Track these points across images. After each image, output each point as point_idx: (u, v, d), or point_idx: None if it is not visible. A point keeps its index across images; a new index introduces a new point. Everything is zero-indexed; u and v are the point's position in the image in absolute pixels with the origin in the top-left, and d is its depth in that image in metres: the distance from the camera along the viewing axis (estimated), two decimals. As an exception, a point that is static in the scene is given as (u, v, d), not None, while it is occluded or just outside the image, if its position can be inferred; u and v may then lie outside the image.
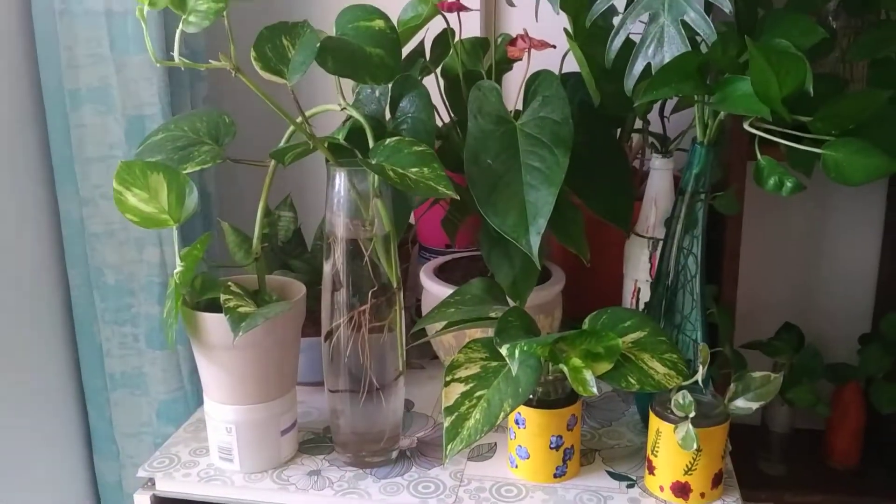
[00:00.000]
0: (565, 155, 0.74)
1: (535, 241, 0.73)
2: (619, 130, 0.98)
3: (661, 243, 0.92)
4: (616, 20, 0.88)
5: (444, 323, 0.77)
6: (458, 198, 0.70)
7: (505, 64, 0.92)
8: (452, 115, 0.91)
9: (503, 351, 0.68)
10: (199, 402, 1.08)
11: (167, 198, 0.69)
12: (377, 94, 0.81)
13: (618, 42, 0.75)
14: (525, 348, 0.68)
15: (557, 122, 0.76)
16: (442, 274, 0.96)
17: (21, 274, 0.98)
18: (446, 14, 0.86)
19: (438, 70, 0.92)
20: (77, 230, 1.00)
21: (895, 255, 1.15)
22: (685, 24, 0.70)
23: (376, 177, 0.73)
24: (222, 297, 0.70)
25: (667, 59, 0.71)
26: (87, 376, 1.05)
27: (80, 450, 1.09)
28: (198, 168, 0.74)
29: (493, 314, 0.75)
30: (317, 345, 0.91)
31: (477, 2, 1.13)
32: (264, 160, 0.79)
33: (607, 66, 0.76)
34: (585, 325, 0.75)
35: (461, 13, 0.85)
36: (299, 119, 0.75)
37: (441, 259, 1.00)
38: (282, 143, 0.79)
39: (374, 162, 0.72)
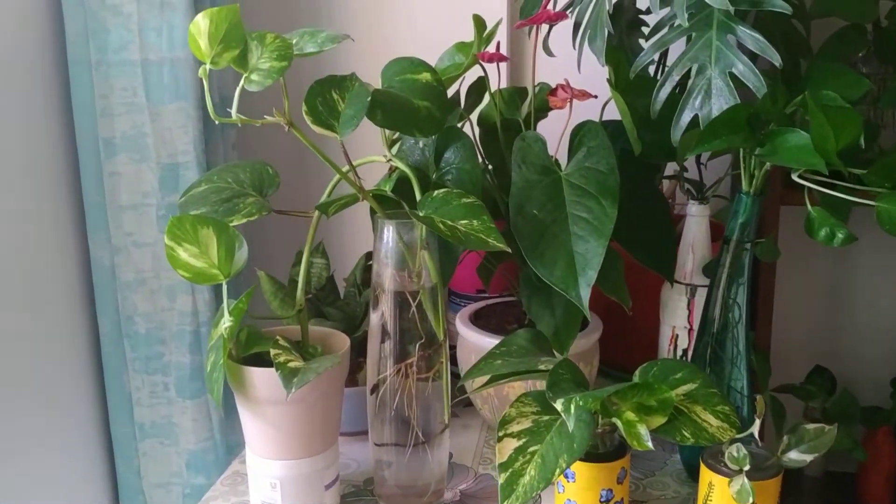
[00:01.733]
0: (613, 206, 0.74)
1: (584, 293, 0.72)
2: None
3: (698, 290, 0.92)
4: (652, 69, 0.89)
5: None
6: (510, 251, 0.70)
7: (540, 112, 0.92)
8: (487, 162, 0.91)
9: (558, 406, 0.67)
10: (229, 452, 1.06)
11: (217, 252, 0.68)
12: (420, 144, 0.81)
13: (663, 93, 0.75)
14: (581, 403, 0.67)
15: (603, 172, 0.76)
16: (477, 321, 0.95)
17: (51, 321, 0.97)
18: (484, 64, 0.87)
19: (473, 118, 0.92)
20: (108, 278, 0.99)
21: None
22: (733, 76, 0.71)
23: (424, 228, 0.73)
24: (272, 351, 0.69)
25: (715, 112, 0.71)
26: (115, 425, 1.04)
27: (106, 501, 1.07)
28: (244, 220, 0.74)
29: (542, 366, 0.75)
30: (353, 395, 0.90)
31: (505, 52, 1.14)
32: (306, 210, 0.79)
33: (652, 117, 0.77)
34: (636, 378, 0.74)
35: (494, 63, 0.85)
36: (346, 169, 0.75)
37: (475, 305, 1.00)
38: (326, 194, 0.79)
39: (422, 214, 0.72)
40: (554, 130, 0.84)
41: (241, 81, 0.60)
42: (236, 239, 0.69)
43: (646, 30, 0.94)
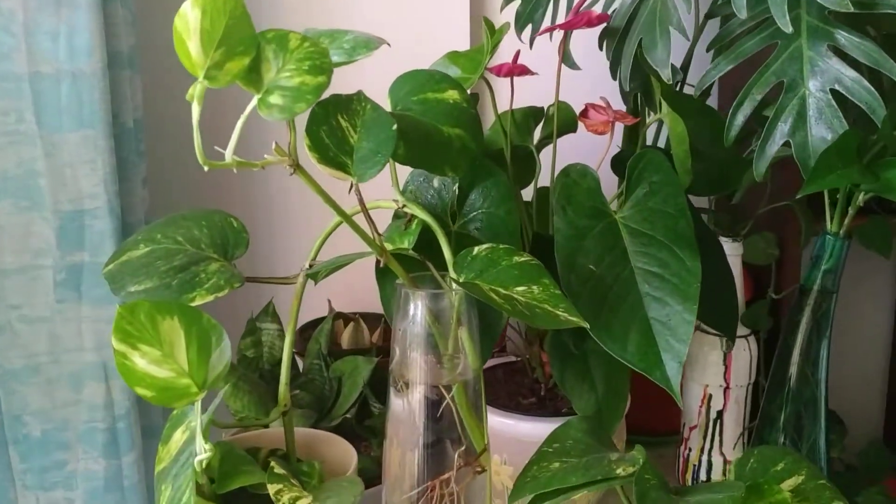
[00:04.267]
0: (694, 257, 0.59)
1: (674, 374, 0.56)
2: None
3: (737, 343, 0.79)
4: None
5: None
6: (587, 326, 0.53)
7: (548, 139, 0.76)
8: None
9: (667, 533, 0.51)
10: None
11: (186, 353, 0.47)
12: (436, 182, 0.62)
13: (741, 116, 0.61)
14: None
15: (672, 214, 0.61)
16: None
17: None
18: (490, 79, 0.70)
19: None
20: (-14, 366, 0.74)
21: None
22: (836, 94, 0.57)
23: (461, 299, 0.55)
24: (271, 487, 0.49)
25: (816, 139, 0.57)
26: (-1, 562, 0.78)
27: None
28: (210, 297, 0.53)
29: (619, 470, 0.58)
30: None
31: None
32: (289, 277, 0.58)
33: (726, 144, 0.62)
34: (730, 474, 0.59)
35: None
36: (351, 213, 0.55)
37: (470, 372, 0.82)
38: (313, 252, 0.59)
39: (462, 279, 0.54)
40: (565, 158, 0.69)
41: (251, 105, 0.40)
42: (213, 331, 0.48)
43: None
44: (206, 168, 0.40)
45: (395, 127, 0.49)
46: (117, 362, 0.44)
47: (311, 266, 0.58)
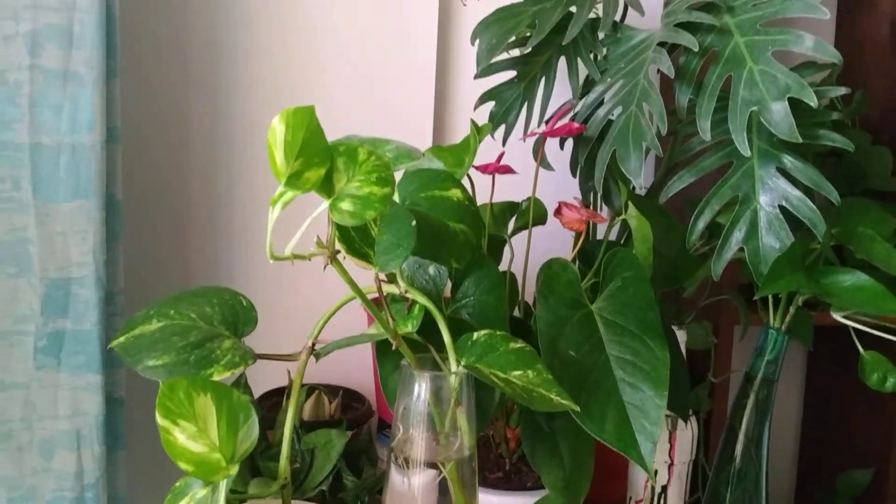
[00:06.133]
0: (663, 347, 0.65)
1: (648, 453, 0.62)
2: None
3: (680, 421, 0.86)
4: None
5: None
6: (578, 409, 0.58)
7: (522, 230, 0.82)
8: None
9: None
10: None
11: (217, 429, 0.49)
12: (431, 270, 0.67)
13: (702, 223, 0.69)
14: None
15: (642, 307, 0.68)
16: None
17: None
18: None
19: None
20: (-47, 433, 0.72)
21: (814, 436, 1.18)
22: (784, 210, 0.66)
23: (461, 381, 0.59)
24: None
25: (767, 248, 0.66)
26: None
27: None
28: (227, 374, 0.56)
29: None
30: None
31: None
32: (293, 354, 0.62)
33: (688, 246, 0.70)
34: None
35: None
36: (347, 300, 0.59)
37: (433, 445, 0.86)
38: (317, 329, 0.63)
39: (464, 363, 0.59)
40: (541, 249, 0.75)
41: (320, 209, 0.44)
42: (241, 408, 0.50)
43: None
44: (271, 261, 0.44)
45: (414, 223, 0.54)
46: (162, 438, 0.46)
47: (314, 344, 0.62)
